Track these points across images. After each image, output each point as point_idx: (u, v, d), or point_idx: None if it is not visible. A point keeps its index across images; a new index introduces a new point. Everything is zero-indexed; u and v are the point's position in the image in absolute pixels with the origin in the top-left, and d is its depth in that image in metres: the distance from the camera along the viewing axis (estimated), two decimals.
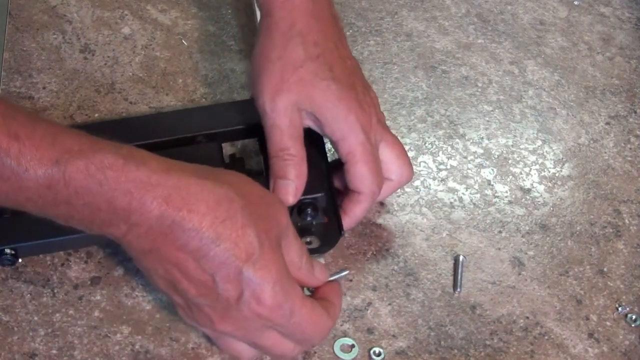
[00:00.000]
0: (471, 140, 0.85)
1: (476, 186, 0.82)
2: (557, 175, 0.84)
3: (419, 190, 0.81)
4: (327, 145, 0.77)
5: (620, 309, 0.75)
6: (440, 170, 0.83)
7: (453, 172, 0.83)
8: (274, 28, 0.73)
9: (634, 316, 0.74)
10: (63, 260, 0.74)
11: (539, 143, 0.86)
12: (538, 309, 0.74)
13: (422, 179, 0.82)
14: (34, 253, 0.73)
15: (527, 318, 0.74)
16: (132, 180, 0.58)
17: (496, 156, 0.84)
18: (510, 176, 0.83)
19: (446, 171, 0.83)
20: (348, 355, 0.71)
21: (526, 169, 0.84)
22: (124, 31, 0.90)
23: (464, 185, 0.82)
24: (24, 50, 0.87)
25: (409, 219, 0.79)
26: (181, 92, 0.85)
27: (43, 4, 0.91)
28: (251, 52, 0.74)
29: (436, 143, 0.85)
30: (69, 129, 0.60)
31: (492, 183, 0.82)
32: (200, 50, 0.89)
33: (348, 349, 0.71)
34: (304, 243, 0.72)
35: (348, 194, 0.74)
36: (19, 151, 0.56)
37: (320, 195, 0.72)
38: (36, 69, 0.86)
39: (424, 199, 0.81)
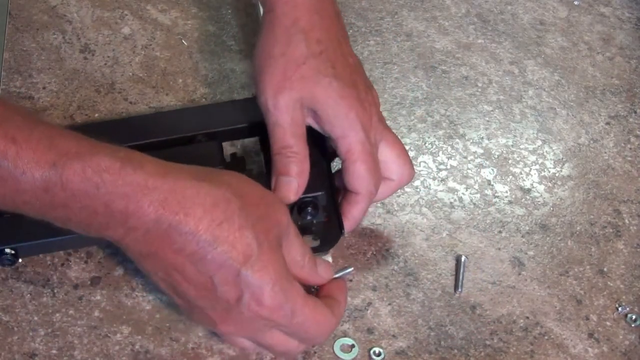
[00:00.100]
0: (471, 140, 0.85)
1: (476, 186, 0.82)
2: (557, 175, 0.84)
3: (419, 190, 0.81)
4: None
5: (620, 309, 0.75)
6: (440, 170, 0.83)
7: (453, 172, 0.83)
8: (277, 24, 0.72)
9: (634, 316, 0.74)
10: (63, 260, 0.74)
11: (539, 143, 0.86)
12: (538, 309, 0.74)
13: (422, 179, 0.82)
14: (34, 253, 0.73)
15: (527, 318, 0.74)
16: (129, 183, 0.58)
17: (496, 156, 0.84)
18: (510, 176, 0.83)
19: (446, 171, 0.83)
20: (348, 355, 0.71)
21: (526, 169, 0.84)
22: (124, 31, 0.90)
23: (464, 185, 0.82)
24: (24, 50, 0.87)
25: (409, 219, 0.79)
26: (181, 92, 0.85)
27: (43, 4, 0.91)
28: (251, 52, 0.74)
29: (436, 143, 0.85)
30: (67, 131, 0.59)
31: (492, 183, 0.82)
32: (200, 50, 0.89)
33: (348, 349, 0.71)
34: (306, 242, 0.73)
35: (345, 196, 0.73)
36: (16, 154, 0.56)
37: (320, 193, 0.72)
38: (36, 69, 0.86)
39: (424, 199, 0.81)
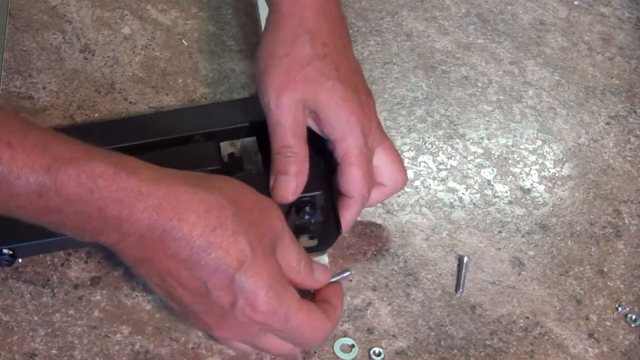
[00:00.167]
0: (471, 140, 0.85)
1: (476, 186, 0.82)
2: (557, 175, 0.84)
3: (419, 190, 0.81)
4: None
5: (620, 309, 0.75)
6: (440, 170, 0.83)
7: (453, 172, 0.83)
8: (283, 24, 0.72)
9: (634, 316, 0.74)
10: (63, 260, 0.74)
11: (539, 143, 0.86)
12: (538, 309, 0.74)
13: (422, 179, 0.82)
14: (33, 253, 0.73)
15: (527, 318, 0.74)
16: (123, 189, 0.58)
17: (496, 156, 0.84)
18: (510, 176, 0.83)
19: (446, 171, 0.83)
20: (348, 355, 0.71)
21: (526, 169, 0.84)
22: (124, 31, 0.90)
23: (464, 185, 0.82)
24: (24, 50, 0.87)
25: (409, 219, 0.79)
26: (181, 92, 0.85)
27: (43, 4, 0.91)
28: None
29: (436, 143, 0.85)
30: (61, 136, 0.59)
31: (492, 183, 0.82)
32: (200, 50, 0.89)
33: (348, 349, 0.71)
34: (303, 244, 0.72)
35: (338, 199, 0.73)
36: (11, 158, 0.56)
37: (318, 193, 0.72)
38: (36, 69, 0.86)
39: (424, 199, 0.81)
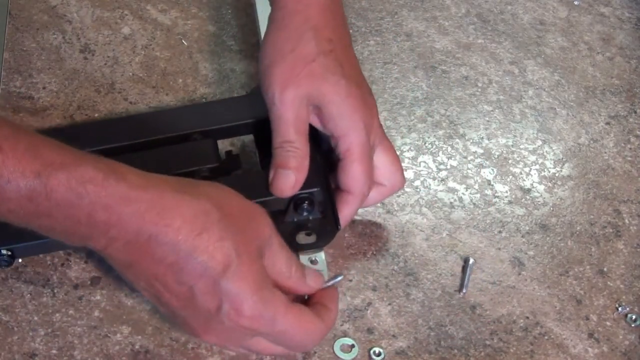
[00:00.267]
0: (471, 140, 0.85)
1: (476, 186, 0.82)
2: (557, 175, 0.84)
3: (419, 190, 0.81)
4: None
5: (620, 309, 0.75)
6: (440, 170, 0.83)
7: (453, 172, 0.83)
8: (288, 20, 0.72)
9: (634, 316, 0.74)
10: (63, 260, 0.74)
11: (539, 143, 0.86)
12: (538, 309, 0.74)
13: (422, 179, 0.82)
14: (31, 253, 0.73)
15: (527, 318, 0.74)
16: (112, 195, 0.59)
17: (496, 156, 0.84)
18: (510, 176, 0.83)
19: (446, 171, 0.83)
20: (348, 355, 0.71)
21: (526, 169, 0.84)
22: (124, 31, 0.90)
23: (464, 185, 0.82)
24: (24, 50, 0.87)
25: (409, 219, 0.79)
26: (181, 92, 0.85)
27: (43, 4, 0.91)
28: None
29: (436, 143, 0.85)
30: (52, 141, 0.60)
31: (492, 183, 0.82)
32: (200, 50, 0.89)
33: (348, 349, 0.71)
34: (301, 241, 0.73)
35: (337, 195, 0.73)
36: (2, 163, 0.57)
37: (317, 189, 0.72)
38: (36, 69, 0.86)
39: (424, 199, 0.81)
